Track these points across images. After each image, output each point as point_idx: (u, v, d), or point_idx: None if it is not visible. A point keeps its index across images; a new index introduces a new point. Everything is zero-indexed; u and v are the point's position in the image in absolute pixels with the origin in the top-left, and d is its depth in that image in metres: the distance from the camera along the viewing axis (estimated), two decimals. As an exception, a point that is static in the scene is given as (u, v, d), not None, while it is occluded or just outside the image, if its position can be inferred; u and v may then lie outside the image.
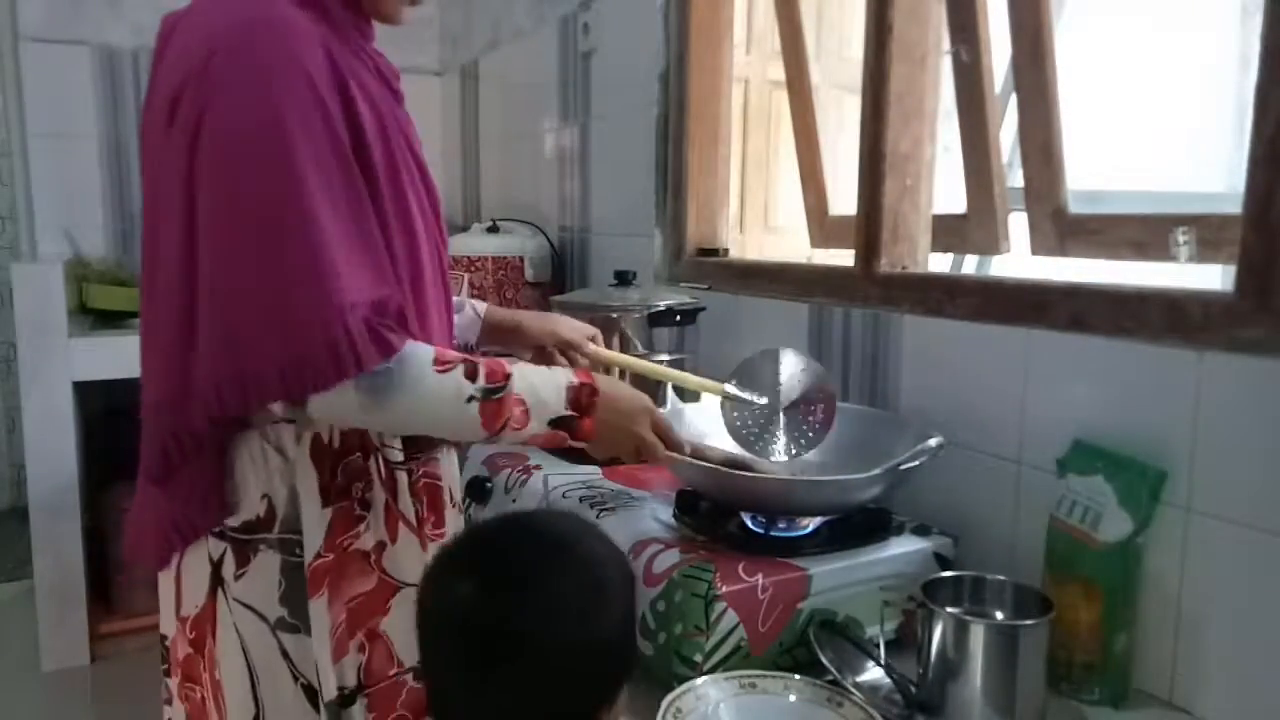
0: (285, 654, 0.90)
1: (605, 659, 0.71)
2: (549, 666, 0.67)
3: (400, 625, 0.92)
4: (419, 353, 0.85)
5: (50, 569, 2.11)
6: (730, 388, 1.14)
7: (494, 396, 0.88)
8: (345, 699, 0.90)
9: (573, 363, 1.20)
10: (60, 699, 2.09)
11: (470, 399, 0.87)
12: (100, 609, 2.22)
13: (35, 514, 2.11)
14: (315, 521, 0.89)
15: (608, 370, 1.22)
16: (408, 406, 0.85)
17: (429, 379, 0.85)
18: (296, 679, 0.90)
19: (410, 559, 0.93)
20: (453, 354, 0.89)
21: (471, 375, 0.87)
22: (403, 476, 0.94)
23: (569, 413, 0.93)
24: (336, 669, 0.90)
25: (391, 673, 0.92)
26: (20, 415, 2.12)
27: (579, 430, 0.94)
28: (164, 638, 0.99)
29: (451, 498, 1.01)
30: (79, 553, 2.13)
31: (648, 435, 0.99)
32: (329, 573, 0.89)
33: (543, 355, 1.20)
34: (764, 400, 1.14)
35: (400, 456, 0.94)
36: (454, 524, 1.01)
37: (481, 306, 1.22)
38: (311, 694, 0.90)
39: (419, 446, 0.96)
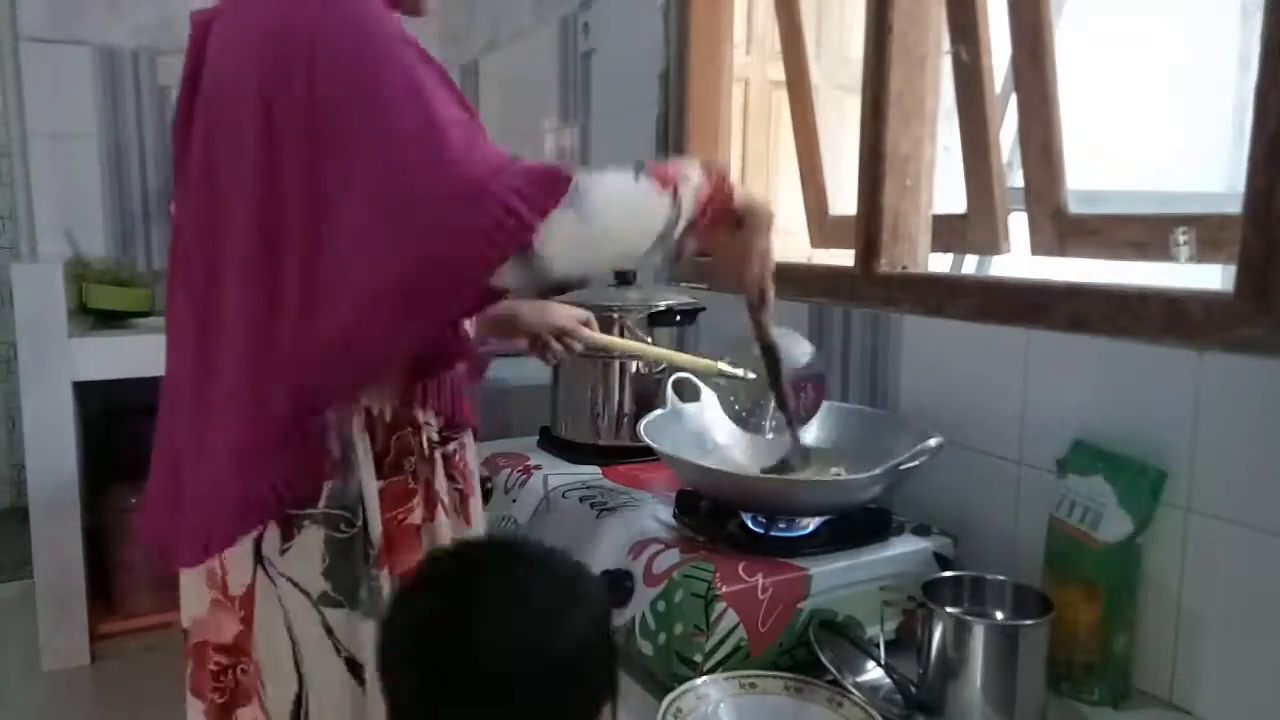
0: (329, 629, 0.89)
1: (578, 673, 0.66)
2: (520, 679, 0.63)
3: None
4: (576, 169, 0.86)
5: (50, 569, 2.11)
6: (723, 365, 1.14)
7: (644, 167, 0.88)
8: None
9: (568, 349, 1.22)
10: (60, 699, 2.09)
11: (636, 174, 0.87)
12: (100, 609, 2.22)
13: (35, 514, 2.11)
14: (373, 494, 0.90)
15: (605, 352, 1.23)
16: (607, 200, 0.84)
17: (598, 175, 0.85)
18: (339, 652, 0.89)
19: (446, 538, 0.95)
20: None
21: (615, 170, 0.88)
22: (439, 457, 0.96)
23: (707, 167, 0.92)
24: None
25: None
26: (20, 415, 2.12)
27: (727, 184, 0.93)
28: (185, 631, 0.97)
29: (472, 485, 1.04)
30: (79, 553, 2.14)
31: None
32: (387, 545, 0.91)
33: (538, 344, 1.22)
34: (753, 375, 1.14)
35: (438, 436, 0.96)
36: (477, 512, 1.04)
37: None
38: (355, 667, 0.90)
39: (449, 428, 0.98)
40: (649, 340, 1.38)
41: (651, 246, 0.88)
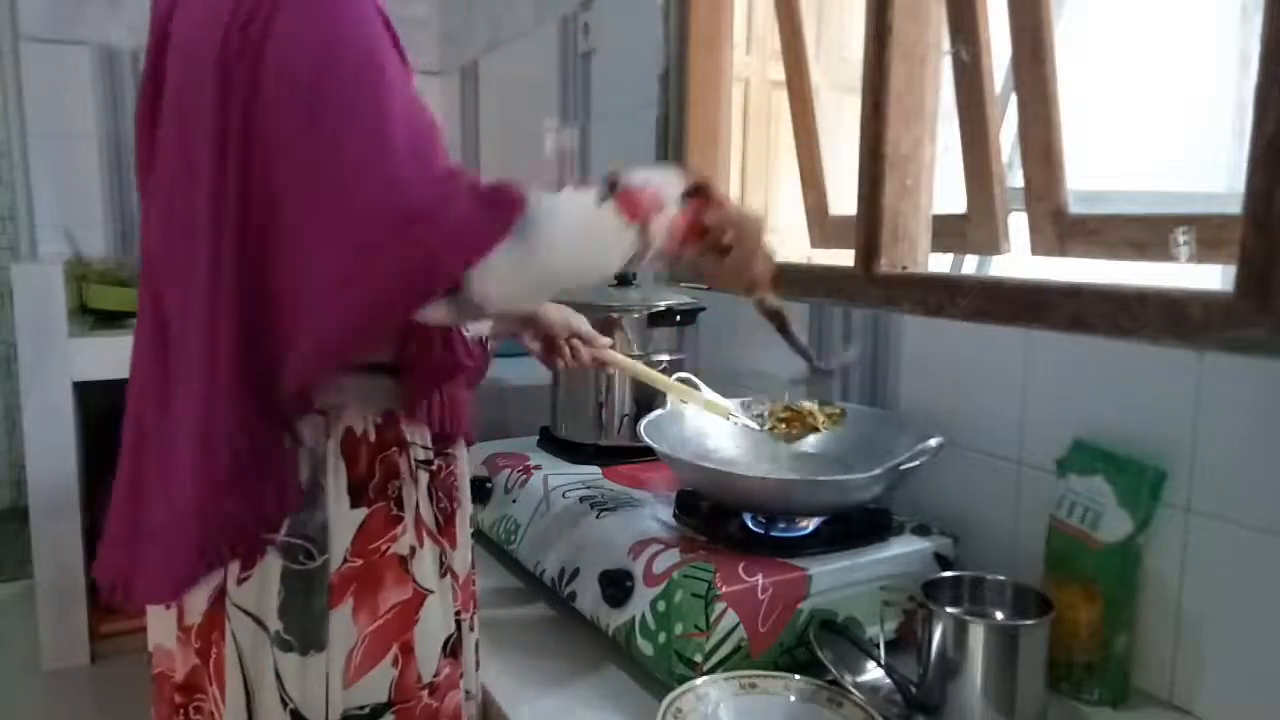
0: (277, 674, 0.82)
1: None
2: None
3: (424, 638, 0.87)
4: (533, 190, 0.78)
5: (50, 569, 2.11)
6: (735, 413, 1.15)
7: (616, 190, 0.80)
8: (366, 718, 0.84)
9: (574, 354, 1.16)
10: (60, 699, 2.09)
11: (601, 200, 0.79)
12: (100, 609, 2.21)
13: (35, 514, 2.11)
14: (343, 523, 0.83)
15: (614, 368, 1.20)
16: (559, 233, 0.76)
17: (554, 201, 0.77)
18: (285, 704, 0.82)
19: (432, 564, 0.89)
20: None
21: (577, 188, 0.80)
22: (424, 476, 0.89)
23: (694, 184, 0.86)
24: (360, 686, 0.84)
25: (418, 689, 0.87)
26: (20, 415, 2.12)
27: (713, 197, 0.87)
28: (149, 655, 0.92)
29: (462, 499, 0.97)
30: (79, 553, 2.13)
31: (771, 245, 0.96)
32: (355, 580, 0.83)
33: (552, 346, 1.16)
34: (765, 430, 1.15)
35: (425, 454, 0.89)
36: (464, 527, 0.96)
37: None
38: None
39: (443, 442, 0.92)
40: (651, 355, 1.37)
41: (610, 275, 0.83)
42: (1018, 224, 1.38)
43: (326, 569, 0.82)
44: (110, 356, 2.09)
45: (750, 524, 1.07)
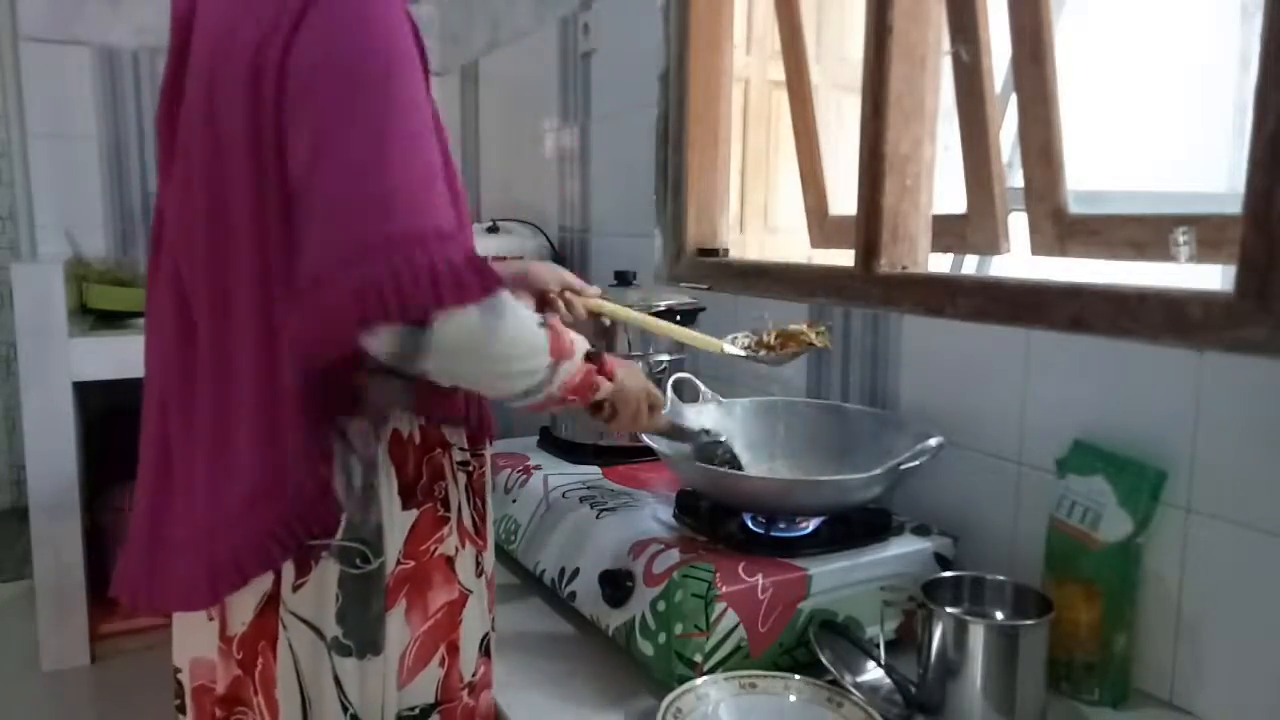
0: (337, 680, 0.82)
1: None
2: None
3: (466, 638, 0.89)
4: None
5: (50, 569, 2.11)
6: (727, 345, 1.12)
7: (548, 321, 0.82)
8: (416, 719, 0.86)
9: (569, 306, 1.14)
10: (60, 699, 2.09)
11: (540, 324, 0.81)
12: (100, 609, 2.21)
13: (35, 514, 2.11)
14: (397, 525, 0.83)
15: (609, 318, 1.19)
16: (514, 330, 0.77)
17: (518, 305, 0.78)
18: (346, 709, 0.82)
19: (471, 565, 0.90)
20: None
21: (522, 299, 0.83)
22: (463, 477, 0.91)
23: (593, 349, 0.89)
24: (411, 687, 0.85)
25: (460, 688, 0.89)
26: (20, 415, 2.12)
27: (604, 366, 0.89)
28: (177, 670, 0.91)
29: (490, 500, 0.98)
30: (79, 553, 2.13)
31: (653, 389, 0.99)
32: (408, 581, 0.84)
33: (545, 302, 1.15)
34: (760, 357, 1.13)
35: (462, 455, 0.91)
36: (491, 528, 0.97)
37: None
38: None
39: (475, 442, 0.92)
40: (651, 355, 1.37)
41: (513, 397, 0.82)
42: (1018, 224, 1.38)
43: (383, 571, 0.83)
44: (110, 356, 2.09)
45: (750, 524, 1.07)
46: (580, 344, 0.86)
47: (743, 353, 1.13)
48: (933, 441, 1.06)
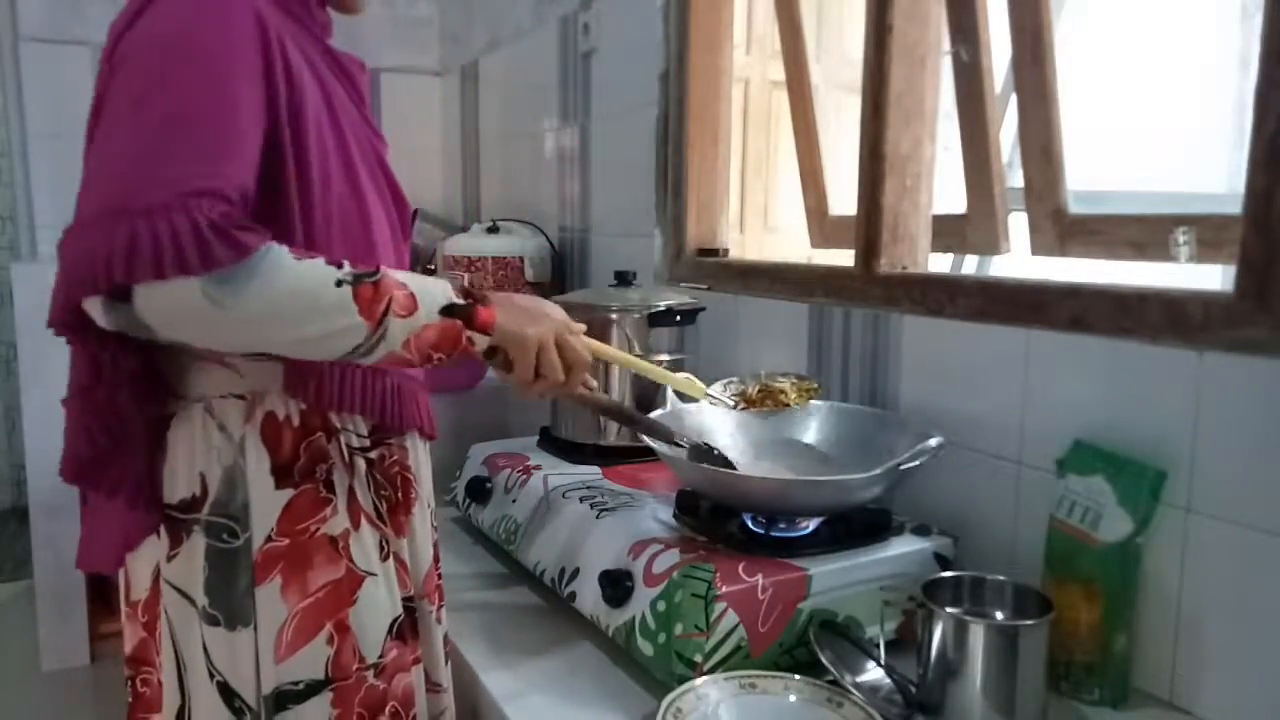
0: (205, 647, 0.86)
1: None
2: None
3: (364, 618, 0.90)
4: (275, 246, 0.75)
5: (50, 569, 2.11)
6: (712, 392, 1.13)
7: (368, 280, 0.78)
8: (302, 694, 0.87)
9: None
10: (60, 699, 2.09)
11: (340, 282, 0.77)
12: (100, 609, 2.21)
13: (35, 514, 2.11)
14: (267, 503, 0.86)
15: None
16: (266, 296, 0.74)
17: (288, 264, 0.75)
18: (212, 676, 0.86)
19: (372, 548, 0.91)
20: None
21: (337, 265, 0.78)
22: (361, 463, 0.92)
23: (460, 300, 0.84)
24: (291, 662, 0.86)
25: (356, 667, 0.89)
26: (20, 415, 2.12)
27: (476, 318, 0.84)
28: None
29: (418, 490, 0.99)
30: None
31: (555, 340, 0.91)
32: (283, 558, 0.86)
33: None
34: (740, 407, 1.16)
35: (360, 442, 0.92)
36: (421, 518, 0.99)
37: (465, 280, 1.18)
38: (227, 693, 0.86)
39: (382, 430, 0.94)
40: (651, 355, 1.37)
41: (341, 358, 0.81)
42: (1018, 224, 1.38)
43: (250, 547, 0.86)
44: (110, 356, 2.09)
45: (750, 524, 1.07)
46: (430, 298, 0.82)
47: (729, 402, 1.15)
48: (932, 441, 1.06)
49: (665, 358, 1.40)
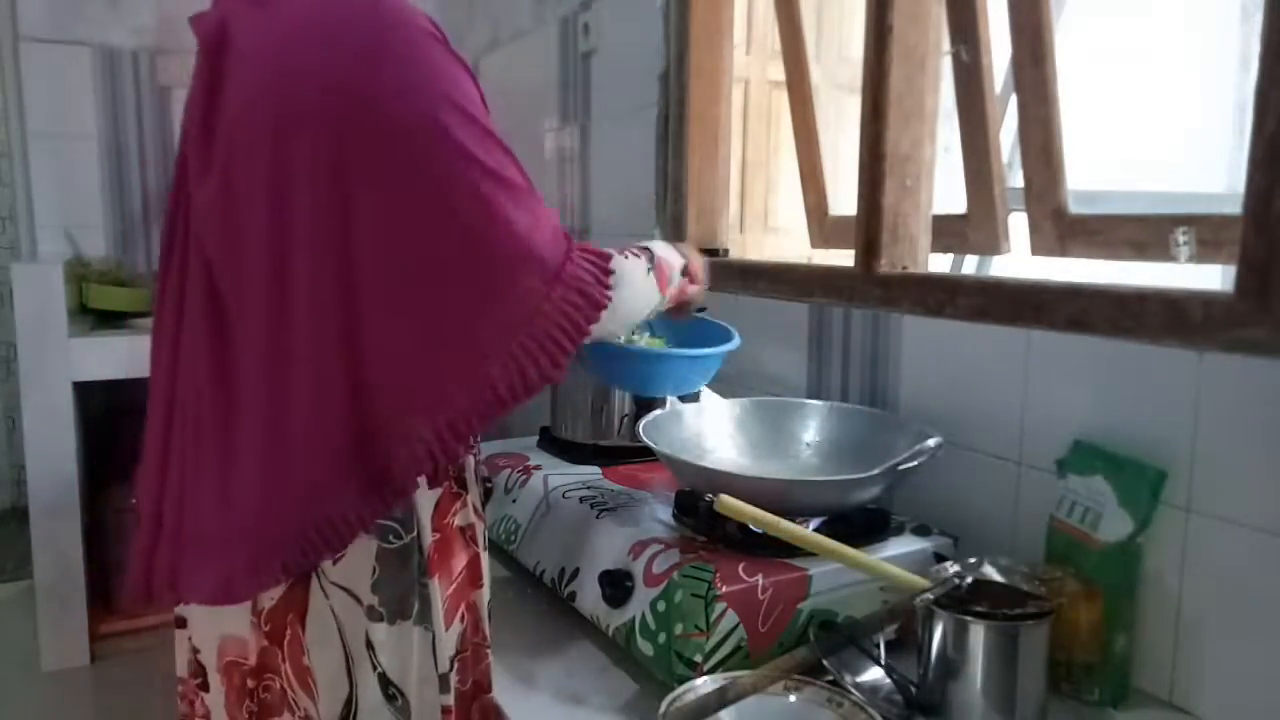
0: (369, 643, 0.89)
1: None
2: None
3: (483, 597, 0.97)
4: (615, 256, 0.92)
5: (50, 569, 2.11)
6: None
7: (653, 262, 0.99)
8: (444, 676, 0.92)
9: None
10: (60, 699, 2.09)
11: (648, 270, 0.97)
12: (100, 609, 2.21)
13: (35, 514, 2.11)
14: (425, 502, 0.91)
15: None
16: (627, 291, 0.92)
17: (624, 265, 0.92)
18: (374, 667, 0.90)
19: (481, 534, 0.98)
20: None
21: (632, 255, 0.96)
22: (471, 460, 0.98)
23: (683, 261, 1.06)
24: (440, 646, 0.91)
25: (476, 640, 0.96)
26: (20, 415, 2.12)
27: (695, 277, 1.08)
28: (196, 650, 0.96)
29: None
30: (79, 553, 2.13)
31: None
32: (436, 552, 0.91)
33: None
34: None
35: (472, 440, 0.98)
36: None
37: None
38: (385, 683, 0.90)
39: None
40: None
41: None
42: (1018, 224, 1.38)
43: (419, 545, 0.91)
44: (110, 356, 2.09)
45: (750, 524, 1.06)
46: (671, 265, 1.02)
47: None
48: (931, 441, 1.06)
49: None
